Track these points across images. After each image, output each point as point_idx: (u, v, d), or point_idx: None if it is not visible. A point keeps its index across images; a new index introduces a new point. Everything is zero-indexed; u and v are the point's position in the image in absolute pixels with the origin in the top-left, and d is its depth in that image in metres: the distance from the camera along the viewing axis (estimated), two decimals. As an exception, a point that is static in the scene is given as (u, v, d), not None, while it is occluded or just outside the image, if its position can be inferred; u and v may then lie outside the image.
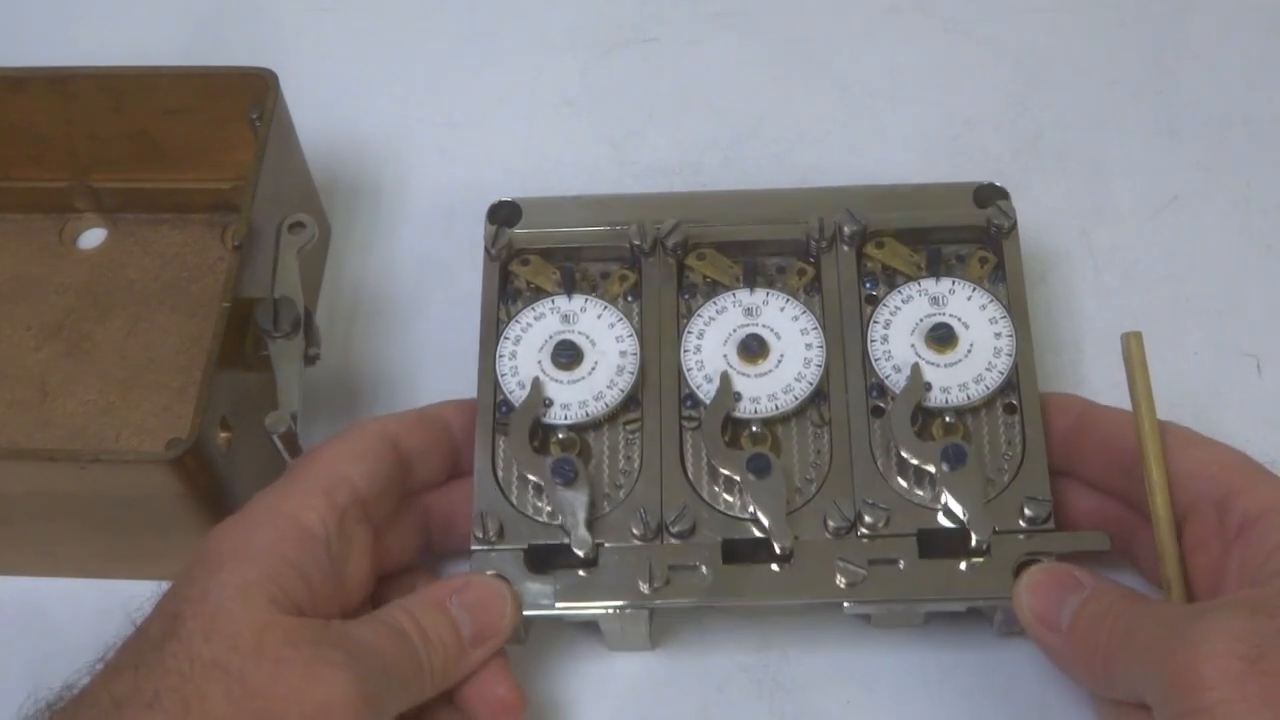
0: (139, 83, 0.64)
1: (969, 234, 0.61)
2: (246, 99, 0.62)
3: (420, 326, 0.67)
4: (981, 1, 0.76)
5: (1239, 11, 0.75)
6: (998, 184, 0.61)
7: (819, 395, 0.58)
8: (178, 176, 0.68)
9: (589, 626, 0.57)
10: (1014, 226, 0.60)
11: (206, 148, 0.66)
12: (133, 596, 0.50)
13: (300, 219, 0.61)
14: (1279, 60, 0.73)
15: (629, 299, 0.61)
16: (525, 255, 0.61)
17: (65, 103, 0.65)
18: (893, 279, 0.60)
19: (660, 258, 0.60)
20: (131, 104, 0.64)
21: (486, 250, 0.61)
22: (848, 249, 0.60)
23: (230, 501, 0.54)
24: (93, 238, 0.69)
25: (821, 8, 0.76)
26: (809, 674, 0.58)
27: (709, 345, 0.59)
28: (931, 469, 0.55)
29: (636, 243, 0.60)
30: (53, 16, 0.78)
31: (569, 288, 0.60)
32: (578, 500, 0.55)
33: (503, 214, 0.62)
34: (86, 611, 0.59)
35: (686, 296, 0.60)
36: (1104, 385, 0.64)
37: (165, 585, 0.50)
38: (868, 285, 0.60)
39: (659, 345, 0.59)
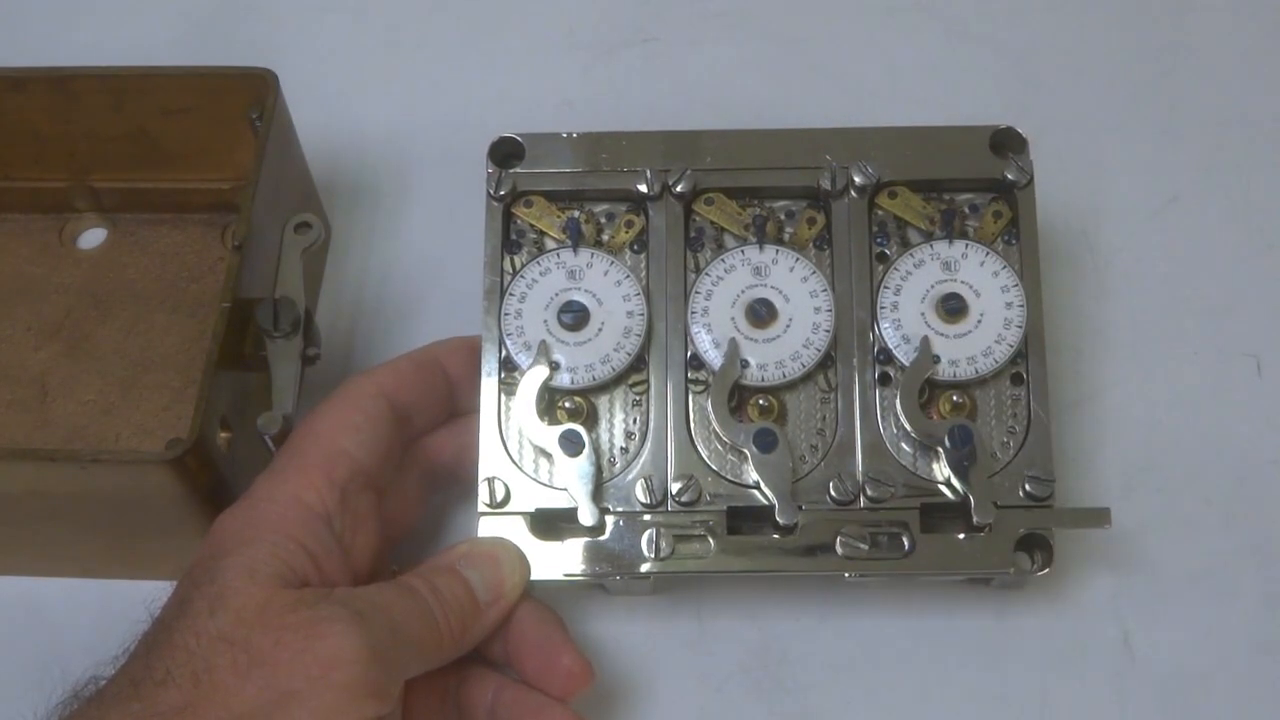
0: (139, 83, 0.64)
1: (984, 184, 0.60)
2: (246, 99, 0.62)
3: (420, 326, 0.67)
4: (981, 1, 0.76)
5: (1239, 11, 0.75)
6: (1017, 130, 0.59)
7: (827, 358, 0.57)
8: (178, 176, 0.67)
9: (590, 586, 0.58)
10: (1030, 181, 0.59)
11: (206, 148, 0.66)
12: (132, 596, 0.50)
13: (306, 219, 0.61)
14: (1279, 60, 0.73)
15: (635, 249, 0.59)
16: (529, 197, 0.60)
17: (65, 103, 0.64)
18: (905, 234, 0.59)
19: (668, 203, 0.59)
20: (131, 104, 0.64)
21: (489, 193, 0.59)
22: (857, 196, 0.59)
23: (230, 502, 0.54)
24: (93, 238, 0.69)
25: (821, 8, 0.76)
26: (809, 674, 0.58)
27: (716, 307, 0.58)
28: (937, 447, 0.55)
29: (643, 189, 0.59)
30: (53, 16, 0.78)
31: (575, 241, 0.59)
32: (584, 472, 0.55)
33: (504, 151, 0.60)
34: (86, 611, 0.60)
35: (694, 250, 0.59)
36: (1103, 385, 0.64)
37: (164, 585, 0.50)
38: (879, 242, 0.59)
39: (665, 301, 0.58)
